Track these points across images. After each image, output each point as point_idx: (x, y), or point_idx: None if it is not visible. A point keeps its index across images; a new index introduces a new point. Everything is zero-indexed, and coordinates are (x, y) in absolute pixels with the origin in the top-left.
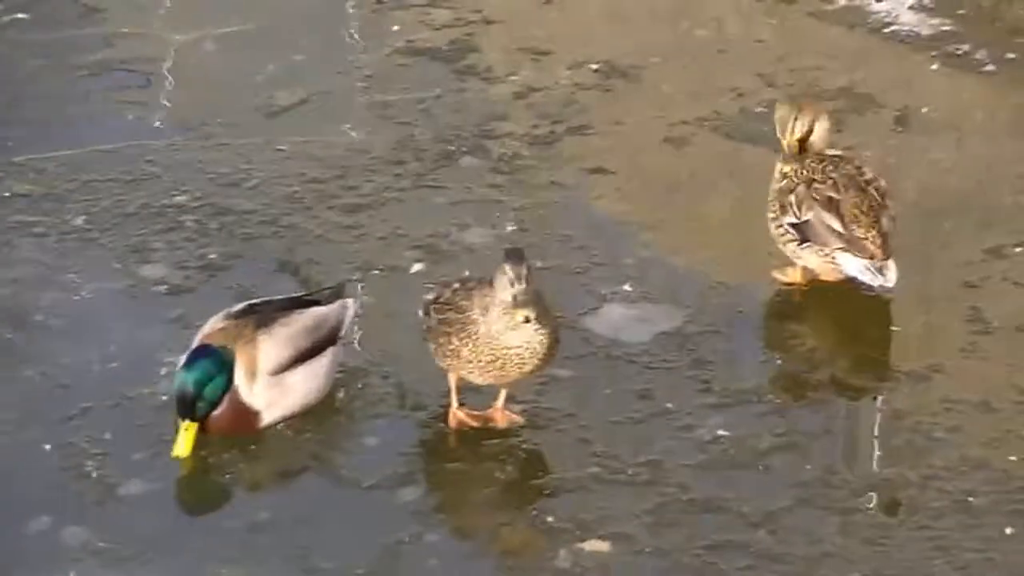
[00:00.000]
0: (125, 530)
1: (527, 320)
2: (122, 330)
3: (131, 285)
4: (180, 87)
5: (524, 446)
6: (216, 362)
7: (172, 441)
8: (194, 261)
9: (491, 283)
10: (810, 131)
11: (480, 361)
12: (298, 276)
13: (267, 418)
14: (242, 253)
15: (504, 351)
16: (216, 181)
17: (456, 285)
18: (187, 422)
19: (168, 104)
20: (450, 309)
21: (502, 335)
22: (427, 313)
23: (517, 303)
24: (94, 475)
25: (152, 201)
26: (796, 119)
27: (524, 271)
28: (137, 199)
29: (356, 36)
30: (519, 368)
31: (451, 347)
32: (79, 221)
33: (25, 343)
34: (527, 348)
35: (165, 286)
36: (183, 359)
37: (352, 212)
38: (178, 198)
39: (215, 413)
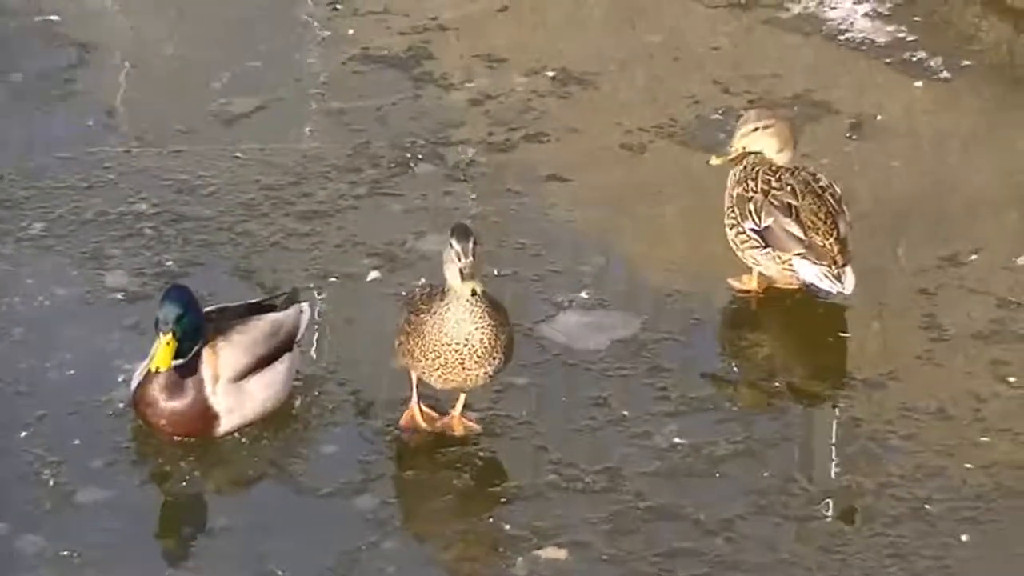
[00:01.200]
0: (82, 537)
1: (474, 293)
2: (79, 337)
3: (88, 292)
4: (136, 92)
5: (481, 454)
6: (197, 310)
7: (129, 448)
8: (151, 268)
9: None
10: (754, 137)
11: (427, 359)
12: (254, 283)
13: (226, 424)
14: (199, 260)
15: (445, 346)
16: (172, 188)
17: (427, 288)
18: (168, 336)
19: (124, 110)
20: (412, 311)
21: (444, 328)
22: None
23: (464, 276)
24: (51, 483)
25: (109, 208)
26: (747, 126)
27: (471, 245)
28: (94, 206)
29: (312, 42)
30: (461, 366)
31: (407, 346)
32: (36, 228)
33: None
34: (466, 344)
35: (122, 293)
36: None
37: (308, 219)
38: (135, 205)
39: (176, 409)
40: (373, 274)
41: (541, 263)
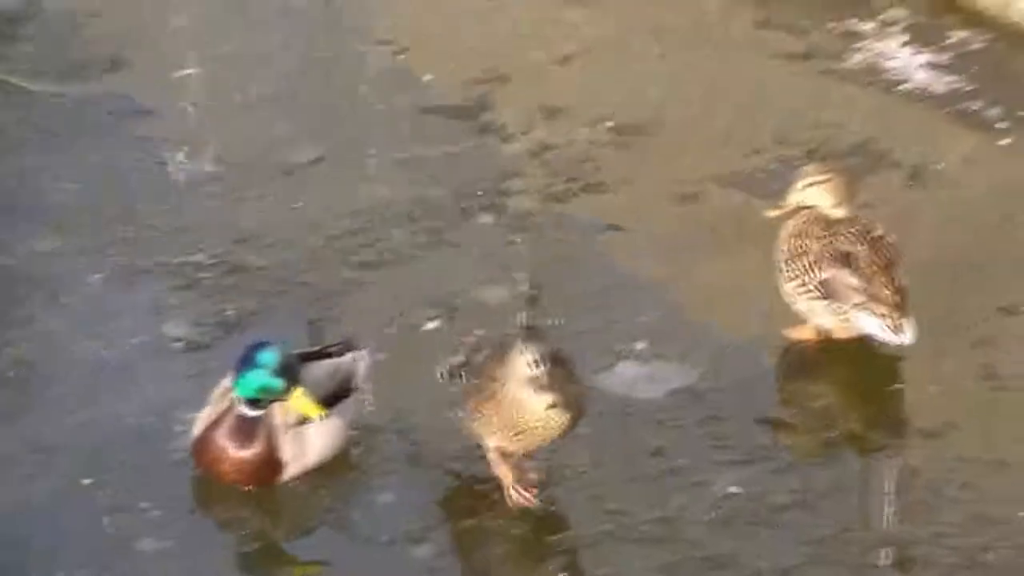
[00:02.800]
0: None
1: (552, 406)
2: (141, 387)
3: (149, 342)
4: (200, 142)
5: (539, 503)
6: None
7: (188, 498)
8: (211, 318)
9: (511, 352)
10: (811, 192)
11: (505, 431)
12: (314, 332)
13: (290, 471)
14: (258, 310)
15: (524, 423)
16: (233, 238)
17: (486, 351)
18: (299, 389)
19: (187, 161)
20: (479, 376)
21: (523, 411)
22: (453, 376)
23: (538, 388)
24: (111, 531)
25: (170, 258)
26: (804, 180)
27: (542, 354)
28: (155, 255)
29: (373, 93)
30: (541, 436)
31: (481, 413)
32: (97, 278)
33: (42, 399)
34: (547, 420)
35: (182, 343)
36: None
37: (370, 269)
38: (195, 256)
39: (245, 457)
40: (432, 324)
41: (598, 313)
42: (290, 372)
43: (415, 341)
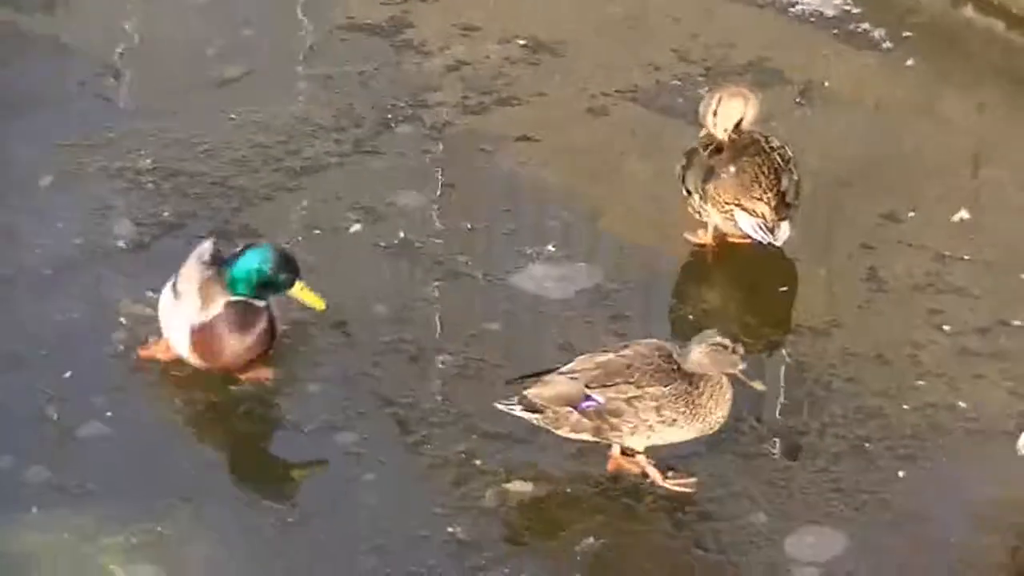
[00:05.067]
0: (84, 469)
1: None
2: (85, 284)
3: (92, 240)
4: (135, 60)
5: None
6: None
7: (128, 387)
8: (150, 219)
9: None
10: (740, 119)
11: (688, 428)
12: (245, 234)
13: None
14: (194, 212)
15: (714, 422)
16: (170, 147)
17: (656, 358)
18: (300, 282)
19: (126, 76)
20: (653, 383)
21: (721, 409)
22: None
23: (740, 374)
24: (55, 417)
25: (111, 164)
26: (728, 107)
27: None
28: (97, 162)
29: (300, 12)
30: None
31: (662, 418)
32: (46, 182)
33: None
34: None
35: (124, 241)
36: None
37: (296, 175)
38: (138, 162)
39: (249, 344)
40: (356, 226)
41: (511, 218)
42: (292, 266)
43: (340, 242)
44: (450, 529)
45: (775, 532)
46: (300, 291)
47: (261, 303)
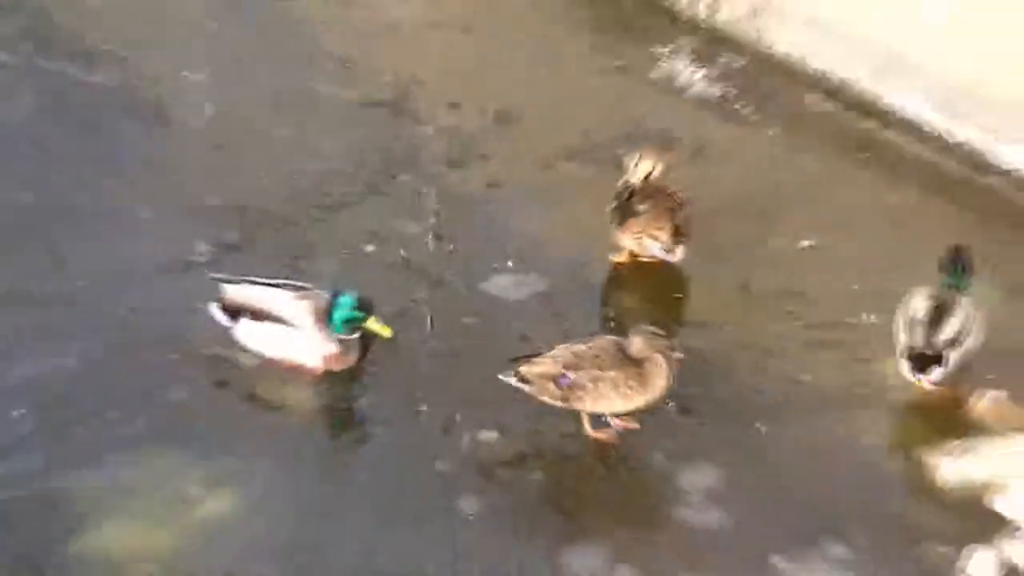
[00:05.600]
0: (178, 423)
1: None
2: (179, 283)
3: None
4: (213, 130)
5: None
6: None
7: (216, 363)
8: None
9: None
10: (651, 172)
11: (636, 401)
12: (295, 253)
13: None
14: (254, 237)
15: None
16: (237, 189)
17: (597, 347)
18: (373, 316)
19: (204, 142)
20: (602, 367)
21: (664, 381)
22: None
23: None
24: (147, 384)
25: (194, 202)
26: (644, 163)
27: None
28: (186, 199)
29: (324, 91)
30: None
31: (614, 395)
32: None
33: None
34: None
35: (203, 257)
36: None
37: (327, 210)
38: (212, 199)
39: (350, 362)
40: (369, 247)
41: (482, 241)
42: (366, 306)
43: (358, 259)
44: (437, 464)
45: (671, 469)
46: (372, 324)
47: (355, 336)
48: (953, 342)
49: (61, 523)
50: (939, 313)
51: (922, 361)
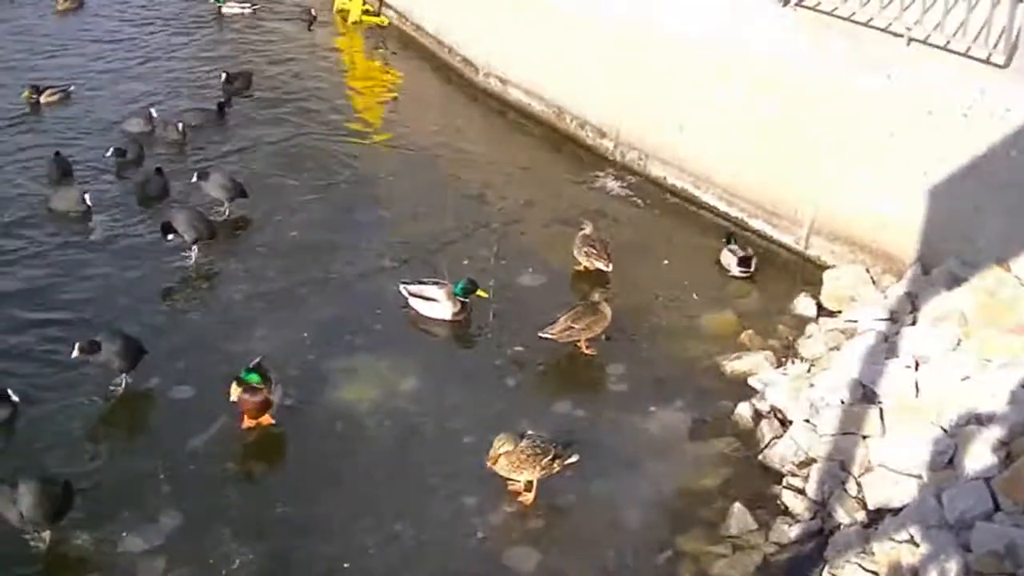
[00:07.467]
0: (374, 340)
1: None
2: (375, 280)
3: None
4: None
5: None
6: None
7: (386, 327)
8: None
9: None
10: (591, 232)
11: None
12: (422, 270)
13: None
14: (408, 259)
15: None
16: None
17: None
18: (479, 288)
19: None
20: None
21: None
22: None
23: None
24: (360, 344)
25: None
26: (588, 225)
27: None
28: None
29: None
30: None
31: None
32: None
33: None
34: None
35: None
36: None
37: (446, 243)
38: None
39: (464, 316)
40: (465, 261)
41: (517, 259)
42: (472, 285)
43: (462, 266)
44: (497, 360)
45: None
46: (479, 291)
47: (466, 300)
48: None
49: (324, 383)
50: None
51: None
